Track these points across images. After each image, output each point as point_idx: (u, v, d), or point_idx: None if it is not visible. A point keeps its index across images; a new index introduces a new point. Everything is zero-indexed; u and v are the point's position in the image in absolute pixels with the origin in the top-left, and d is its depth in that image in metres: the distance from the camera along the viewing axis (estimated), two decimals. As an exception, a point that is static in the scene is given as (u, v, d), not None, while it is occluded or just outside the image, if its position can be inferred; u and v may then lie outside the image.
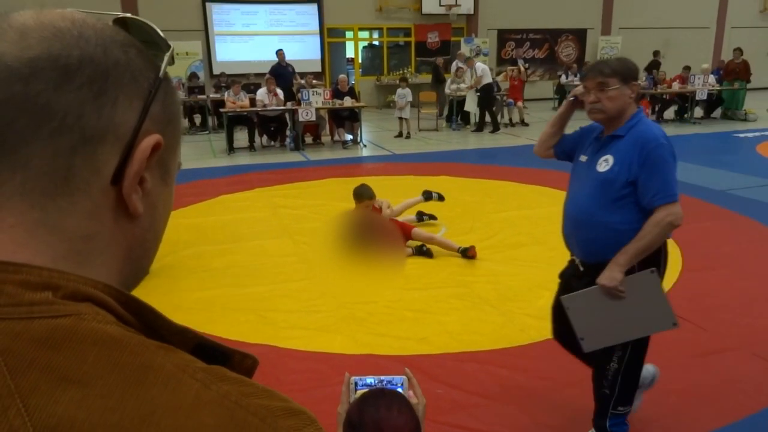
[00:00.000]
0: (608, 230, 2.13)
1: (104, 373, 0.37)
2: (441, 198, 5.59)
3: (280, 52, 11.58)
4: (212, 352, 0.45)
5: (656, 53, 15.45)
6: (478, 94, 11.28)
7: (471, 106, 11.62)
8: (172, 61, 0.48)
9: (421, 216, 5.54)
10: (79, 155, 0.41)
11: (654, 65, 14.60)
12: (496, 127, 11.27)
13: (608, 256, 2.12)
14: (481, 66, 11.54)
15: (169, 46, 0.49)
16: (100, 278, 0.43)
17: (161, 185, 0.48)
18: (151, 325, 0.43)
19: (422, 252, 4.65)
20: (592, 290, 2.17)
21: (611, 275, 2.10)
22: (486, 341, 3.25)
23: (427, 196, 5.54)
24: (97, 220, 0.44)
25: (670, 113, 12.74)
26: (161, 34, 0.49)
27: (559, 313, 2.40)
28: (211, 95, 12.11)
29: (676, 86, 12.50)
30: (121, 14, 0.49)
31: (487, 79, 11.31)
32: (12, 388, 0.35)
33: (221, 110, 9.95)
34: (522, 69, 13.05)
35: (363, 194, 4.91)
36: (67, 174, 0.41)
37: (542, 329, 3.33)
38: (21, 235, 0.41)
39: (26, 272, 0.39)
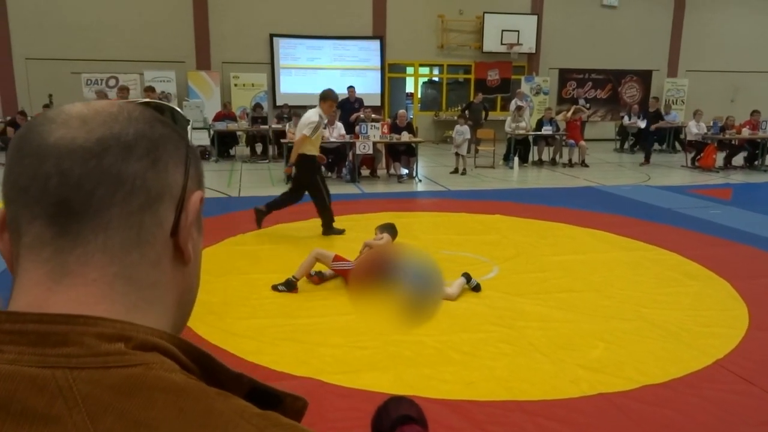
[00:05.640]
0: None
1: (170, 417, 0.42)
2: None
3: (351, 89, 11.92)
4: (265, 395, 0.50)
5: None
6: None
7: None
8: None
9: None
10: (147, 213, 0.49)
11: None
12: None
13: None
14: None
15: (188, 121, 0.60)
16: (160, 323, 0.49)
17: (198, 235, 0.55)
18: (210, 370, 0.48)
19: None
20: None
21: None
22: (535, 390, 3.14)
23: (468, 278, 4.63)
24: (160, 269, 0.51)
25: (739, 160, 12.26)
26: (181, 112, 0.60)
27: None
28: (273, 125, 12.48)
29: (746, 132, 12.05)
30: (146, 100, 0.59)
31: None
32: (91, 431, 0.40)
33: (282, 140, 10.23)
34: (583, 108, 12.87)
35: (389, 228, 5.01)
36: (139, 230, 0.48)
37: (595, 382, 3.21)
38: (101, 288, 0.47)
39: (102, 325, 0.44)
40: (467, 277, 4.59)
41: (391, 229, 5.23)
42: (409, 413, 1.28)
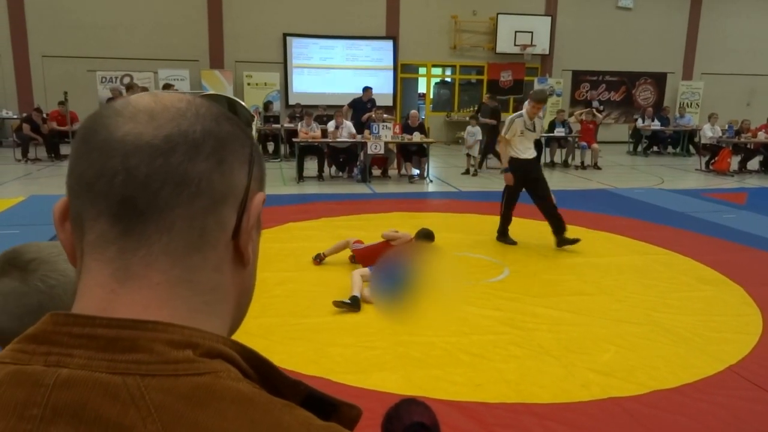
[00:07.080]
0: None
1: (242, 429, 0.41)
2: None
3: (368, 90, 11.82)
4: (321, 402, 0.49)
5: None
6: None
7: None
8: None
9: None
10: (210, 216, 0.47)
11: None
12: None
13: None
14: None
15: (254, 117, 0.56)
16: (220, 327, 0.49)
17: (257, 236, 0.54)
18: (269, 377, 0.48)
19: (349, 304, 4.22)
20: None
21: None
22: (545, 394, 3.13)
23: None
24: (221, 272, 0.50)
25: (754, 164, 12.13)
26: (246, 107, 0.57)
27: None
28: (285, 124, 12.52)
29: (761, 136, 11.93)
30: (212, 93, 0.57)
31: None
32: None
33: (294, 140, 10.26)
34: (595, 113, 12.76)
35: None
36: (201, 233, 0.47)
37: (605, 386, 3.19)
38: (164, 292, 0.46)
39: (171, 331, 0.44)
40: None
41: (422, 235, 5.16)
42: (422, 420, 1.26)
